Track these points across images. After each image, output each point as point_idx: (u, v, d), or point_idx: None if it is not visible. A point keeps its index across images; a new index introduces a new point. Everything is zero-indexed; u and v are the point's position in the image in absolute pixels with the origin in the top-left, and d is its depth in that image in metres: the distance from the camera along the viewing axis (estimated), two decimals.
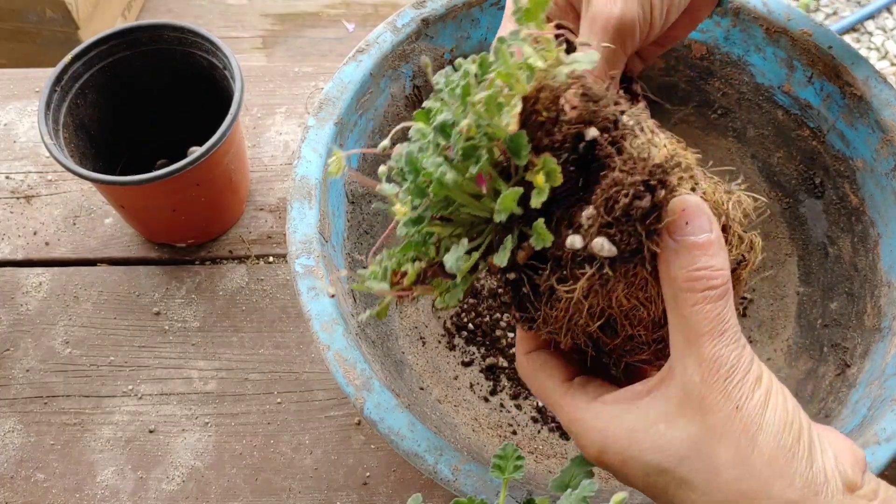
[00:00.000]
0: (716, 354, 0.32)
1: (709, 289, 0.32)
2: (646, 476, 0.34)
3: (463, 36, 0.61)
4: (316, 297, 0.48)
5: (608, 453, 0.35)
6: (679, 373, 0.33)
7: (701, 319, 0.32)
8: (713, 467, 0.32)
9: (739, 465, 0.32)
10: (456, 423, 0.58)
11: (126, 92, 0.72)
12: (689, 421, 0.33)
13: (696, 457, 0.32)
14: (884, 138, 0.54)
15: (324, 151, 0.53)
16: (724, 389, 0.32)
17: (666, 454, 0.33)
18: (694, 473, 0.32)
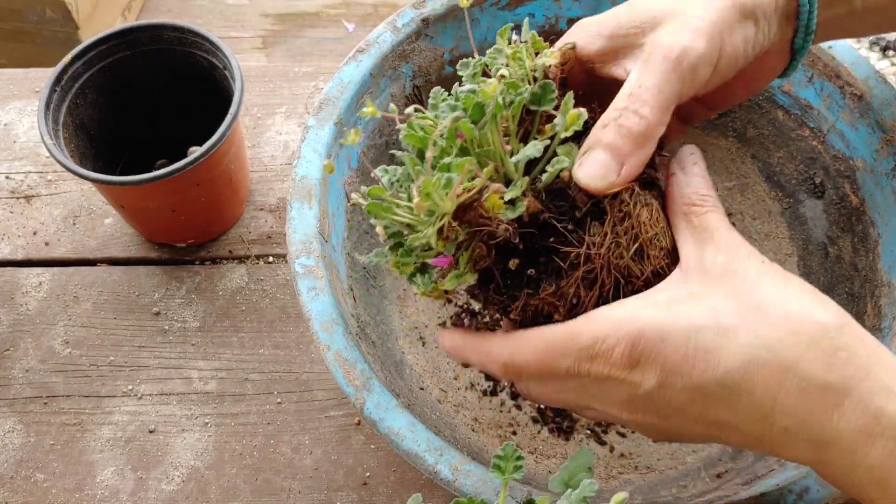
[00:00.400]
0: (732, 238, 0.36)
1: (714, 205, 0.38)
2: (687, 342, 0.33)
3: (463, 36, 0.61)
4: (316, 297, 0.48)
5: (644, 335, 0.34)
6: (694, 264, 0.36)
7: (713, 220, 0.37)
8: (755, 304, 0.34)
9: (780, 294, 0.34)
10: (456, 423, 0.58)
11: (126, 92, 0.72)
12: (720, 287, 0.35)
13: (737, 304, 0.34)
14: (884, 138, 0.54)
15: (324, 151, 0.53)
16: (748, 255, 0.36)
17: (704, 313, 0.34)
18: (738, 317, 0.34)
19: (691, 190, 0.38)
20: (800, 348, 0.32)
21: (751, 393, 0.33)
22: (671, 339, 0.33)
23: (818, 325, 0.33)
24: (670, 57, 0.37)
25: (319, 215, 0.51)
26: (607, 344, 0.34)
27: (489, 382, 0.61)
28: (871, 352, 0.32)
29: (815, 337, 0.32)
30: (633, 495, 0.52)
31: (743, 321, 0.33)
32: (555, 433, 0.59)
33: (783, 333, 0.33)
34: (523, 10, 0.61)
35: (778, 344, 0.32)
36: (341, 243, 0.55)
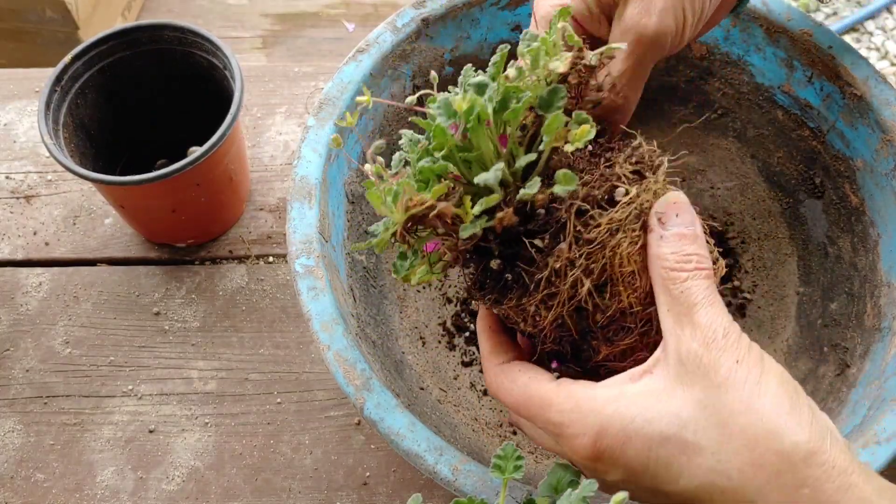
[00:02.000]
0: (710, 319, 0.33)
1: (698, 269, 0.35)
2: (648, 451, 0.33)
3: (463, 36, 0.61)
4: (316, 297, 0.48)
5: (607, 435, 0.33)
6: (673, 348, 0.34)
7: (693, 292, 0.34)
8: (721, 421, 0.32)
9: (747, 412, 0.31)
10: (456, 423, 0.58)
11: (126, 92, 0.72)
12: (690, 387, 0.33)
13: (702, 416, 0.32)
14: (884, 138, 0.54)
15: (324, 151, 0.53)
16: (722, 347, 0.33)
17: (669, 421, 0.32)
18: (700, 434, 0.32)
19: (670, 251, 0.35)
20: (760, 481, 0.31)
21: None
22: (633, 445, 0.33)
23: (782, 457, 0.31)
24: (642, 42, 0.40)
25: (319, 215, 0.51)
26: (572, 430, 0.35)
27: None
28: (841, 483, 0.30)
29: (780, 470, 0.31)
30: None
31: (706, 440, 0.32)
32: None
33: (744, 463, 0.31)
34: (523, 9, 0.61)
35: (739, 475, 0.31)
36: (341, 243, 0.55)
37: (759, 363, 0.33)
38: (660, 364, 0.34)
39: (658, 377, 0.34)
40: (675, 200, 0.36)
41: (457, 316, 0.64)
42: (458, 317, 0.64)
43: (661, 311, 0.35)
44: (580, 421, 0.34)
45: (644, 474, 0.33)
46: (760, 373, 0.32)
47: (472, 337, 0.63)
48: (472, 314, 0.64)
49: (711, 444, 0.32)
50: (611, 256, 0.35)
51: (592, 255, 0.35)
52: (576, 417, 0.35)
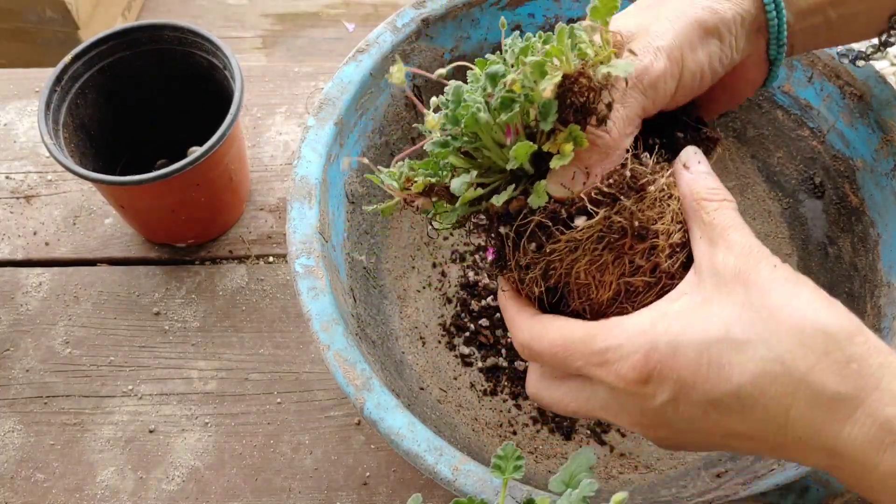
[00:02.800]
0: (744, 237, 0.36)
1: (726, 199, 0.38)
2: (699, 357, 0.34)
3: (463, 36, 0.61)
4: (316, 297, 0.48)
5: (657, 349, 0.34)
6: (707, 266, 0.36)
7: (725, 217, 0.37)
8: (766, 314, 0.34)
9: (791, 303, 0.34)
10: (456, 423, 0.58)
11: (126, 92, 0.72)
12: (732, 293, 0.35)
13: (748, 314, 0.34)
14: (884, 138, 0.54)
15: (324, 151, 0.53)
16: (759, 259, 0.35)
17: (716, 325, 0.34)
18: (749, 328, 0.34)
19: (699, 185, 0.39)
20: (811, 360, 0.32)
21: (764, 406, 0.33)
22: (684, 354, 0.34)
23: (829, 336, 0.33)
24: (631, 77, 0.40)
25: (319, 215, 0.51)
26: (620, 353, 0.35)
27: (489, 382, 0.61)
28: (883, 360, 0.32)
29: (827, 348, 0.32)
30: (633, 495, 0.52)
31: (754, 333, 0.33)
32: (555, 433, 0.59)
33: (794, 345, 0.33)
34: (523, 10, 0.61)
35: (789, 356, 0.33)
36: (341, 243, 0.55)
37: (794, 271, 0.35)
38: (695, 284, 0.37)
39: (697, 293, 0.36)
40: (694, 150, 0.41)
41: (457, 316, 0.64)
42: (458, 317, 0.64)
43: (695, 240, 0.38)
44: (628, 343, 0.35)
45: (695, 384, 0.34)
46: (797, 277, 0.35)
47: (473, 337, 0.63)
48: (472, 314, 0.64)
49: (761, 336, 0.33)
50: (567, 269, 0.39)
51: (551, 264, 0.39)
52: (623, 340, 0.35)
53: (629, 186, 0.38)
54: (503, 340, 0.63)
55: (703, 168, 0.40)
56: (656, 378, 0.34)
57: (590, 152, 0.39)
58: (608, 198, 0.38)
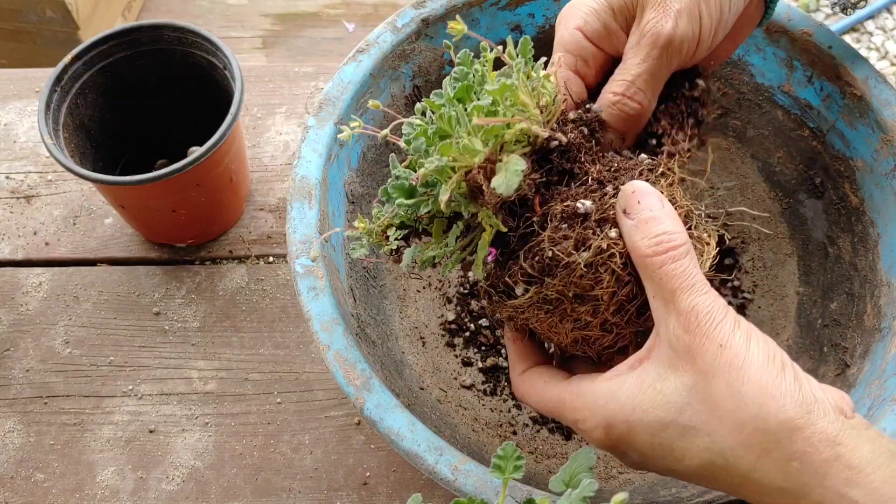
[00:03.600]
0: (691, 304, 0.34)
1: (671, 249, 0.35)
2: (651, 437, 0.35)
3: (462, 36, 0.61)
4: (316, 297, 0.48)
5: (615, 426, 0.36)
6: (663, 334, 0.35)
7: (671, 277, 0.35)
8: (710, 406, 0.34)
9: (733, 397, 0.33)
10: (456, 423, 0.58)
11: (126, 92, 0.72)
12: (681, 373, 0.35)
13: (694, 401, 0.34)
14: (884, 138, 0.54)
15: (324, 151, 0.53)
16: (705, 333, 0.34)
17: (665, 408, 0.35)
18: (694, 417, 0.34)
19: (640, 239, 0.36)
20: (751, 459, 0.33)
21: (718, 483, 0.35)
22: (638, 433, 0.36)
23: (769, 435, 0.32)
24: (658, 44, 0.41)
25: (319, 215, 0.51)
26: (587, 426, 0.38)
27: (489, 383, 0.61)
28: (827, 456, 0.32)
29: (767, 447, 0.33)
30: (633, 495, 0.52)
31: (700, 422, 0.34)
32: (555, 433, 0.59)
33: (735, 444, 0.33)
34: (523, 9, 0.61)
35: (731, 454, 0.33)
36: (341, 243, 0.55)
37: (745, 342, 0.34)
38: (654, 350, 0.36)
39: (653, 364, 0.36)
40: (632, 190, 0.37)
41: (457, 316, 0.64)
42: (458, 317, 0.64)
43: (650, 298, 0.37)
44: (590, 417, 0.37)
45: (654, 457, 0.36)
46: (745, 355, 0.34)
47: (472, 337, 0.63)
48: (472, 314, 0.64)
49: (705, 427, 0.34)
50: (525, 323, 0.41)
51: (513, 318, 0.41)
52: (586, 414, 0.37)
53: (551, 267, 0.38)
54: (503, 340, 0.63)
55: (642, 212, 0.36)
56: (621, 446, 0.37)
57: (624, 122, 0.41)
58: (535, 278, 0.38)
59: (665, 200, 0.37)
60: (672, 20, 0.40)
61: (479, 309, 0.64)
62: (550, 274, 0.38)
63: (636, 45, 0.42)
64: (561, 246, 0.37)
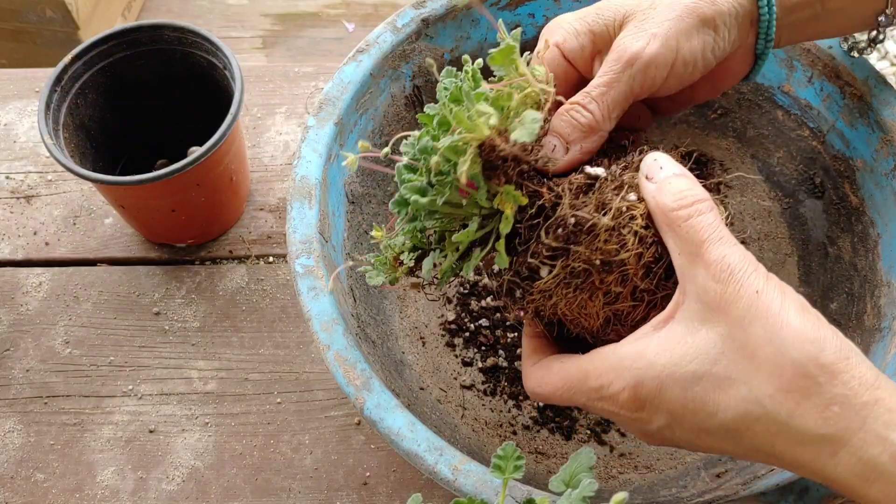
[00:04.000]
0: (722, 254, 0.34)
1: (696, 202, 0.36)
2: (684, 392, 0.34)
3: (463, 36, 0.61)
4: (316, 297, 0.48)
5: (644, 385, 0.35)
6: (690, 289, 0.35)
7: (698, 229, 0.35)
8: (748, 353, 0.33)
9: (771, 342, 0.33)
10: (456, 423, 0.58)
11: (126, 92, 0.72)
12: (713, 324, 0.34)
13: (729, 350, 0.33)
14: (884, 138, 0.54)
15: (324, 151, 0.53)
16: (739, 281, 0.33)
17: (699, 360, 0.34)
18: (731, 366, 0.33)
19: (665, 196, 0.36)
20: (791, 405, 0.32)
21: (752, 438, 0.34)
22: (669, 390, 0.35)
23: (810, 379, 0.32)
24: (622, 59, 0.40)
25: (319, 215, 0.51)
26: (613, 389, 0.36)
27: (489, 383, 0.61)
28: (868, 399, 0.32)
29: (808, 391, 0.32)
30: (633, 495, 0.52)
31: (736, 371, 0.33)
32: (555, 433, 0.59)
33: (774, 390, 0.33)
34: (523, 10, 0.61)
35: (769, 401, 0.33)
36: (341, 243, 0.55)
37: (779, 292, 0.34)
38: (680, 308, 0.36)
39: (680, 321, 0.35)
40: (654, 157, 0.38)
41: (457, 316, 0.64)
42: (458, 317, 0.64)
43: (674, 257, 0.36)
44: (616, 379, 0.36)
45: (684, 415, 0.35)
46: (781, 302, 0.33)
47: (472, 337, 0.63)
48: (472, 314, 0.64)
49: (742, 375, 0.33)
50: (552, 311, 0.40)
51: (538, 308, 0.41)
52: (612, 376, 0.36)
53: (576, 233, 0.38)
54: (503, 340, 0.63)
55: (665, 173, 0.37)
56: (648, 408, 0.36)
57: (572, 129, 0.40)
58: (560, 250, 0.38)
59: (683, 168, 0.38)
60: (643, 41, 0.40)
61: (479, 309, 0.64)
62: (576, 241, 0.38)
63: (605, 63, 0.41)
64: (583, 210, 0.38)
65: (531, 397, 0.43)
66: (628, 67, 0.40)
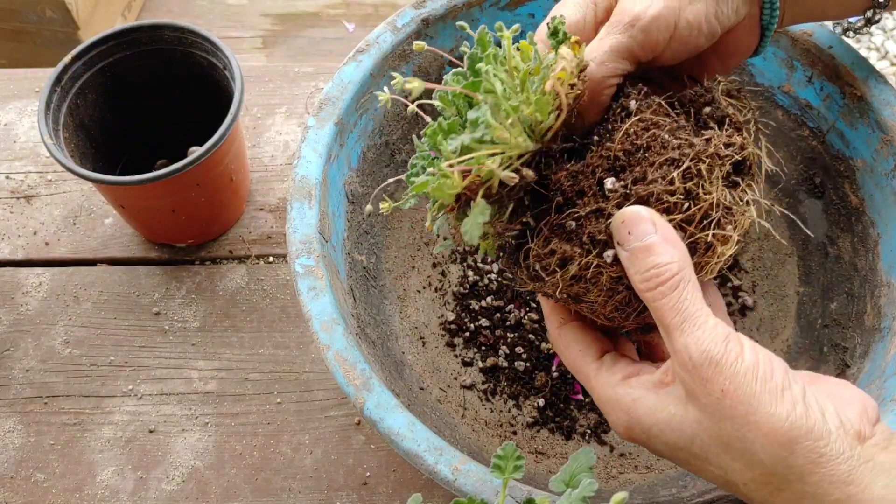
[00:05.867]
0: (684, 344, 0.34)
1: (660, 284, 0.35)
2: (669, 451, 0.37)
3: (463, 36, 0.61)
4: (316, 297, 0.48)
5: (634, 430, 0.38)
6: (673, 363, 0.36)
7: (663, 313, 0.35)
8: (720, 444, 0.34)
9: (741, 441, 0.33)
10: (456, 423, 0.58)
11: (126, 92, 0.72)
12: (691, 407, 0.35)
13: (704, 436, 0.35)
14: (884, 138, 0.54)
15: (324, 151, 0.53)
16: (703, 376, 0.34)
17: (680, 435, 0.36)
18: (707, 450, 0.35)
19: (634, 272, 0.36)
20: (766, 493, 0.34)
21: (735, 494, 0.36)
22: (657, 442, 0.37)
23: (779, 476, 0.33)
24: (623, 21, 0.40)
25: (319, 215, 0.51)
26: (610, 418, 0.39)
27: (489, 383, 0.61)
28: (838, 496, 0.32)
29: (780, 486, 0.33)
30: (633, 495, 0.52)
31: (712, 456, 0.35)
32: (555, 433, 0.59)
33: (749, 479, 0.34)
34: (523, 10, 0.61)
35: (745, 488, 0.35)
36: (341, 243, 0.55)
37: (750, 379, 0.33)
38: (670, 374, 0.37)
39: (672, 390, 0.37)
40: (622, 220, 0.36)
41: (457, 316, 0.64)
42: (458, 317, 0.64)
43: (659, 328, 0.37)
44: (612, 413, 0.39)
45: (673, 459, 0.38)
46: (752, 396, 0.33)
47: (472, 337, 0.63)
48: (472, 314, 0.64)
49: (717, 460, 0.35)
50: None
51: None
52: (608, 409, 0.39)
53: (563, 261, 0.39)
54: (503, 340, 0.63)
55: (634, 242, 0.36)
56: (642, 444, 0.38)
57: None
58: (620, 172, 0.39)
59: (659, 220, 0.36)
60: (645, 2, 0.40)
61: (479, 309, 0.64)
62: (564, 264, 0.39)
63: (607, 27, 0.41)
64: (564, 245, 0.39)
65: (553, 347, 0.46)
66: (630, 27, 0.40)
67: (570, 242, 0.39)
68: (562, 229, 0.39)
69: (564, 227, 0.39)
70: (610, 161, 0.38)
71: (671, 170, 0.37)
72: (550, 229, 0.39)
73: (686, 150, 0.37)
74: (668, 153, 0.37)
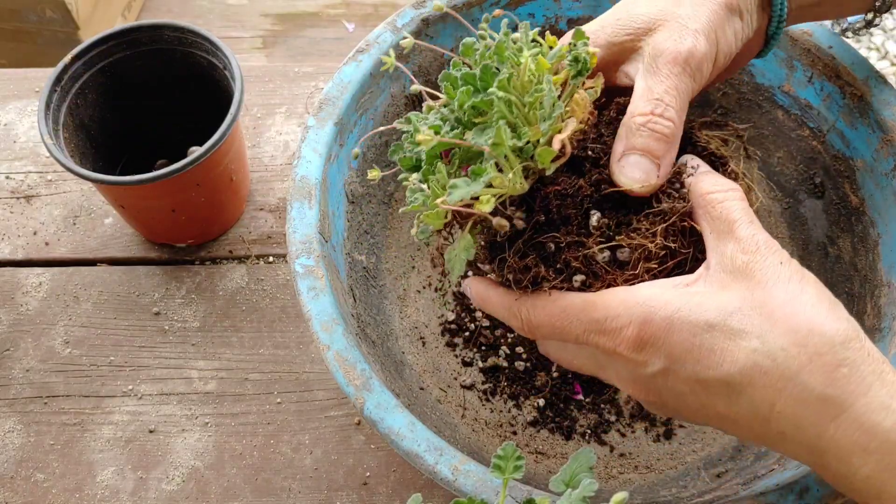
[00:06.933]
0: (752, 233, 0.36)
1: (731, 189, 0.38)
2: (692, 337, 0.34)
3: (463, 36, 0.61)
4: (316, 297, 0.48)
5: (653, 322, 0.35)
6: (716, 262, 0.36)
7: (731, 211, 0.37)
8: (767, 311, 0.34)
9: (791, 303, 0.34)
10: (456, 423, 0.58)
11: (126, 92, 0.72)
12: (736, 286, 0.35)
13: (747, 307, 0.34)
14: (884, 138, 0.54)
15: (324, 151, 0.53)
16: (765, 254, 0.35)
17: (717, 311, 0.34)
18: (747, 321, 0.34)
19: (702, 182, 0.39)
20: (802, 360, 0.33)
21: (750, 396, 0.34)
22: (678, 331, 0.35)
23: (824, 338, 0.33)
24: (678, 61, 0.40)
25: (319, 215, 0.51)
26: (618, 322, 0.36)
27: (489, 383, 0.61)
28: (875, 368, 0.33)
29: (820, 350, 0.33)
30: (633, 495, 0.52)
31: (751, 325, 0.34)
32: (555, 433, 0.59)
33: (788, 344, 0.33)
34: (523, 9, 0.61)
35: (781, 354, 0.33)
36: (341, 243, 0.55)
37: (801, 268, 0.36)
38: (702, 278, 0.36)
39: (703, 284, 0.36)
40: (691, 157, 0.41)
41: (457, 316, 0.64)
42: (458, 317, 0.64)
43: (705, 236, 0.38)
44: (625, 312, 0.36)
45: (686, 361, 0.35)
46: (802, 275, 0.35)
47: (472, 337, 0.63)
48: (472, 314, 0.64)
49: (756, 329, 0.34)
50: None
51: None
52: (621, 310, 0.36)
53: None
54: (503, 340, 0.63)
55: (703, 169, 0.40)
56: (649, 348, 0.35)
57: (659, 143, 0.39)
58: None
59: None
60: (691, 39, 0.40)
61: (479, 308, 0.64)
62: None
63: (651, 66, 0.40)
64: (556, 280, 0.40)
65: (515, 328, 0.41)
66: (687, 68, 0.40)
67: (546, 264, 0.39)
68: (541, 248, 0.39)
69: (543, 247, 0.39)
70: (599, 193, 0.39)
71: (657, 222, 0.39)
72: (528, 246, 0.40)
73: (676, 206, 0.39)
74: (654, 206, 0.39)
